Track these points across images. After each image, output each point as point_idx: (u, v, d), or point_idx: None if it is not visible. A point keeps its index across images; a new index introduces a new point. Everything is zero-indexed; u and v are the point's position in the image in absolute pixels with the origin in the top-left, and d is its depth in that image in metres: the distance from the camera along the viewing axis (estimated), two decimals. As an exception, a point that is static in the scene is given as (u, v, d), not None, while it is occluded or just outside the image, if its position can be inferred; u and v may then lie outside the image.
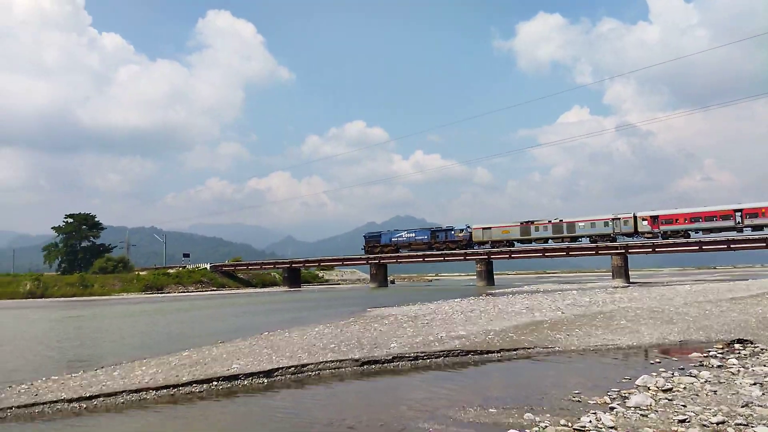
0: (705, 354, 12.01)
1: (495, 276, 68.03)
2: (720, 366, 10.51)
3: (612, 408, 7.84)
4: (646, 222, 56.69)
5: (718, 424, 6.84)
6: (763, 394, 8.15)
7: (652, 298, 26.88)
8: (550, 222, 62.55)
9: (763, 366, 10.22)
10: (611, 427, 6.88)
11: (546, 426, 7.12)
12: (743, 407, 7.50)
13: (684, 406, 7.74)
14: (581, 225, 60.69)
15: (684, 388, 8.86)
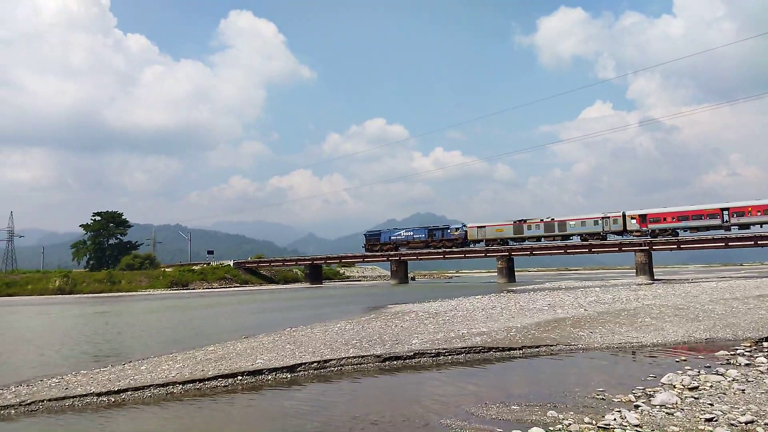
0: (732, 352, 11.80)
1: (516, 273, 67.65)
2: (748, 364, 10.33)
3: (637, 406, 7.77)
4: (634, 221, 57.40)
5: (746, 423, 6.73)
6: (793, 393, 7.99)
7: (676, 295, 26.49)
8: (542, 221, 63.46)
9: (794, 365, 10.02)
10: (636, 426, 6.82)
11: (570, 423, 7.09)
12: (772, 406, 7.38)
13: (711, 404, 7.63)
14: (572, 223, 61.60)
15: (711, 386, 8.72)
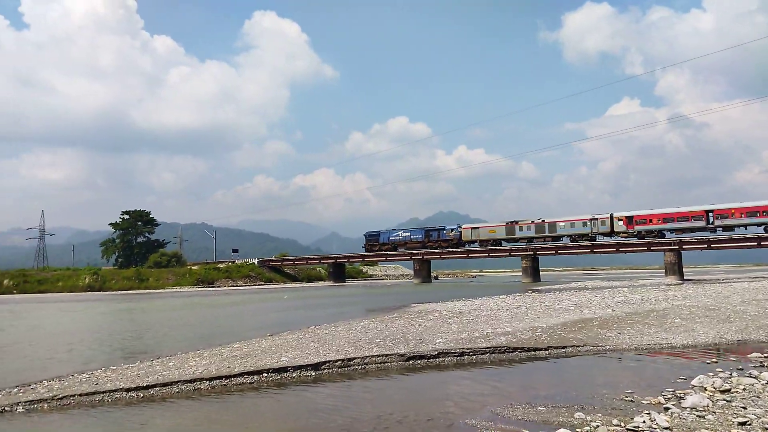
0: (766, 354, 11.49)
1: (540, 272, 67.00)
2: (783, 367, 10.05)
3: (666, 408, 7.62)
4: (621, 222, 58.36)
5: (781, 427, 6.54)
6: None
7: (707, 295, 25.92)
8: (533, 222, 64.76)
9: (831, 368, 9.71)
10: (666, 428, 6.69)
11: (597, 426, 6.98)
12: (809, 411, 7.16)
13: (744, 408, 7.43)
14: (562, 225, 62.83)
15: (743, 389, 8.51)
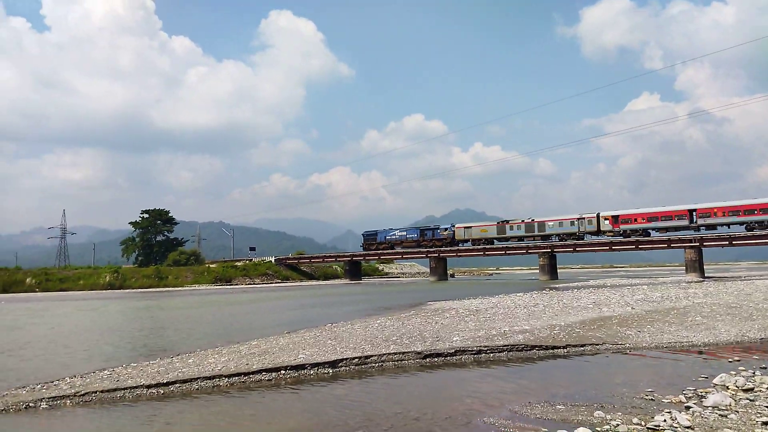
0: (791, 353, 11.28)
1: (558, 270, 66.45)
2: (808, 366, 9.85)
3: (688, 407, 7.52)
4: (607, 221, 60.12)
5: (807, 427, 6.42)
6: None
7: (729, 293, 25.51)
8: (523, 221, 66.92)
9: None
10: (688, 427, 6.60)
11: (618, 424, 6.91)
12: (836, 411, 7.01)
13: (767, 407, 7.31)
14: (550, 224, 64.61)
15: (767, 388, 8.36)
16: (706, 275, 52.77)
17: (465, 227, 72.28)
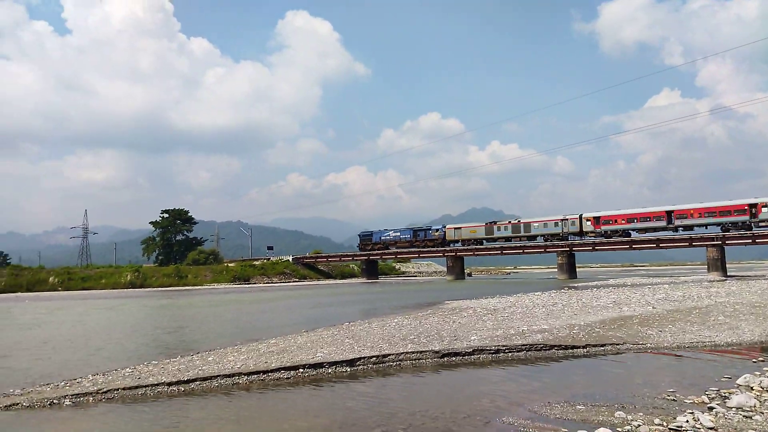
0: (818, 354, 11.04)
1: (577, 269, 65.86)
2: (836, 367, 9.63)
3: (711, 408, 7.40)
4: (589, 222, 61.95)
5: (834, 429, 6.28)
6: None
7: (752, 292, 25.05)
8: (510, 222, 69.66)
9: None
10: (711, 428, 6.51)
11: (639, 425, 6.83)
12: None
13: (794, 409, 7.17)
14: (535, 225, 66.63)
15: (794, 389, 8.20)
16: (728, 274, 51.92)
17: (455, 228, 74.56)
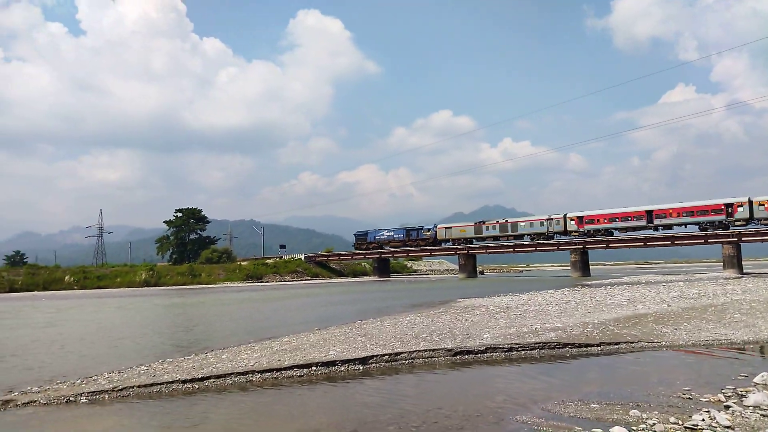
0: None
1: (590, 266, 65.48)
2: None
3: (727, 407, 7.32)
4: (573, 222, 63.41)
5: None
6: None
7: (770, 289, 24.72)
8: (498, 222, 71.56)
9: None
10: (728, 427, 6.43)
11: (654, 423, 6.77)
12: None
13: (813, 408, 7.06)
14: (522, 225, 68.71)
15: (812, 388, 8.08)
16: (744, 271, 51.29)
17: (446, 227, 76.53)
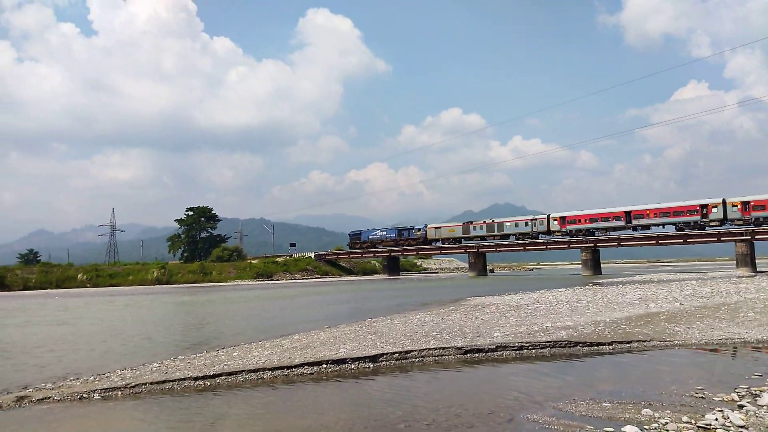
0: None
1: (602, 265, 65.13)
2: None
3: (741, 406, 7.26)
4: (556, 222, 65.06)
5: None
6: None
7: (785, 288, 24.44)
8: (485, 222, 73.64)
9: None
10: (741, 427, 6.37)
11: (666, 422, 6.73)
12: None
13: (828, 407, 6.98)
14: (508, 225, 70.24)
15: (828, 388, 7.99)
16: (758, 269, 50.76)
17: (435, 227, 78.54)
